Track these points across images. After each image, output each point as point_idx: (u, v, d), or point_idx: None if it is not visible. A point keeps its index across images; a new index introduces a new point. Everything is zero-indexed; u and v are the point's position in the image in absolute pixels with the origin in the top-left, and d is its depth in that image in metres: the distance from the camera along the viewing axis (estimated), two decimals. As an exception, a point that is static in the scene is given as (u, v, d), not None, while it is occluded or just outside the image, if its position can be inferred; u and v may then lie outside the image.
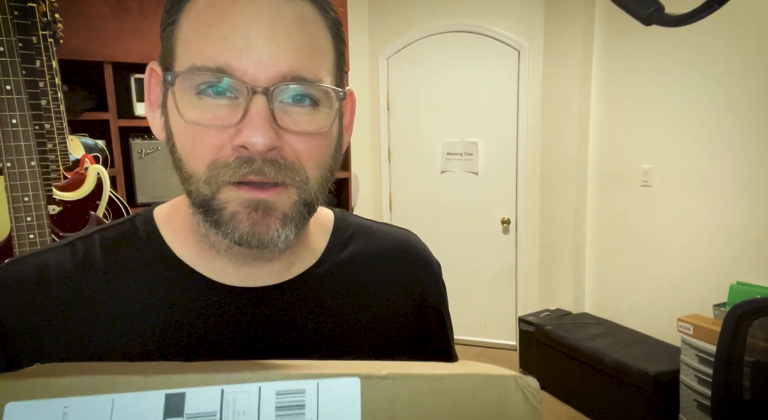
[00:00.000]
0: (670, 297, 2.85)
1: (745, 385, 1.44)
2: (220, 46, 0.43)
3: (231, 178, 0.45)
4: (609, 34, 3.14)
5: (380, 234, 0.64)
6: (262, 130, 0.43)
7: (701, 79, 2.63)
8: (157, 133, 0.51)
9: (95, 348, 0.49)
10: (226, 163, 0.45)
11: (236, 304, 0.53)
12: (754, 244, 2.46)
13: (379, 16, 3.63)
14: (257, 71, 0.43)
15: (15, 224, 1.30)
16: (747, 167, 2.47)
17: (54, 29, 1.94)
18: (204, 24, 0.44)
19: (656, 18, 0.40)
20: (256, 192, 0.46)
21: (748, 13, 2.40)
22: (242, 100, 0.44)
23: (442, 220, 3.76)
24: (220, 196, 0.46)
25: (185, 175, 0.47)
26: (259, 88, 0.43)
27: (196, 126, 0.45)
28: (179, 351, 0.51)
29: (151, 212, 0.56)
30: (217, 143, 0.45)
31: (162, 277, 0.52)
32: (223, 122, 0.44)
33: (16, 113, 1.26)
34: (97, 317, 0.50)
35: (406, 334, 0.61)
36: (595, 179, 3.31)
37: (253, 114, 0.43)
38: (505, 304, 3.73)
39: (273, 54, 0.43)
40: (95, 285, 0.51)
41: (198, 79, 0.44)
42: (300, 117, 0.46)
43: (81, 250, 0.53)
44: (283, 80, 0.44)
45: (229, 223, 0.46)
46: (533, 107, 3.48)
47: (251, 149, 0.44)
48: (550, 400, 3.03)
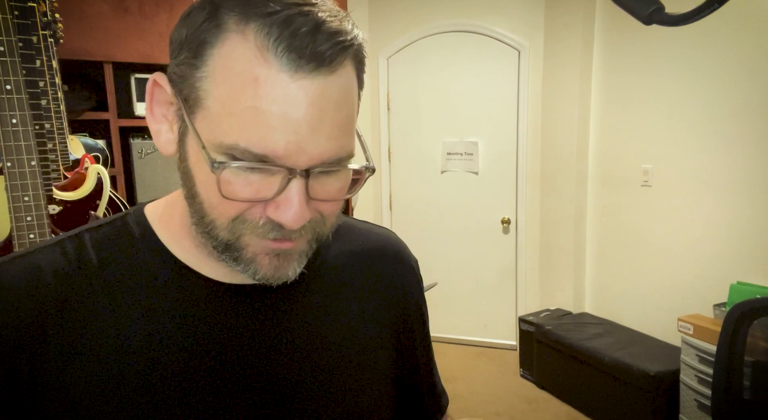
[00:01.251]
0: (670, 297, 2.85)
1: (745, 385, 1.43)
2: (268, 135, 0.41)
3: (258, 236, 0.46)
4: (609, 34, 3.14)
5: (362, 232, 0.67)
6: (299, 210, 0.44)
7: (701, 79, 2.63)
8: (162, 147, 0.49)
9: (97, 349, 0.49)
10: (254, 224, 0.46)
11: (232, 301, 0.53)
12: (754, 244, 2.46)
13: (379, 16, 3.63)
14: (300, 159, 0.43)
15: (15, 224, 1.30)
16: (747, 167, 2.46)
17: (54, 29, 1.94)
18: (249, 103, 0.41)
19: (656, 17, 0.40)
20: (283, 244, 0.47)
21: (748, 13, 2.40)
22: (280, 177, 0.44)
23: (442, 220, 3.76)
24: (242, 239, 0.47)
25: (204, 219, 0.47)
26: (299, 171, 0.43)
27: None
28: (181, 349, 0.51)
29: (142, 211, 0.56)
30: (246, 206, 0.45)
31: (160, 276, 0.52)
32: (258, 197, 0.44)
33: (16, 113, 1.26)
34: (97, 318, 0.49)
35: (390, 328, 0.64)
36: (595, 179, 3.31)
37: (290, 193, 0.44)
38: (505, 304, 3.73)
39: (318, 144, 0.43)
40: (92, 285, 0.50)
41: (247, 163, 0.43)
42: (329, 184, 0.47)
43: (72, 249, 0.52)
44: (321, 164, 0.44)
45: (249, 264, 0.48)
46: (533, 107, 3.48)
47: (286, 227, 0.45)
48: (550, 400, 3.03)
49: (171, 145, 0.48)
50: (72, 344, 0.48)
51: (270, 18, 0.41)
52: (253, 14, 0.41)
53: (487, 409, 2.93)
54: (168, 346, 0.50)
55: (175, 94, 0.46)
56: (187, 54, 0.44)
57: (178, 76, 0.45)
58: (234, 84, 0.42)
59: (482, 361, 3.56)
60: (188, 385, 0.50)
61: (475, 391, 3.14)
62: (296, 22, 0.41)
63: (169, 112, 0.48)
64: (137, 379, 0.49)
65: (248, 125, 0.41)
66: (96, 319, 0.49)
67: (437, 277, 3.18)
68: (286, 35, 0.40)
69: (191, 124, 0.44)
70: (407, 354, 0.67)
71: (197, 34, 0.43)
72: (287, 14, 0.41)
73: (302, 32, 0.41)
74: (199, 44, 0.43)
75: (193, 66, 0.43)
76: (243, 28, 0.41)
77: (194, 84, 0.43)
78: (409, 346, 0.67)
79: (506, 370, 3.41)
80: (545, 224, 3.56)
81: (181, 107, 0.45)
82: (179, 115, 0.46)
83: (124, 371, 0.49)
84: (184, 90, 0.45)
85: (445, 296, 3.66)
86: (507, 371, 3.39)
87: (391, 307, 0.64)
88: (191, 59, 0.43)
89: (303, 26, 0.41)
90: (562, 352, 2.95)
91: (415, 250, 2.45)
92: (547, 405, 2.99)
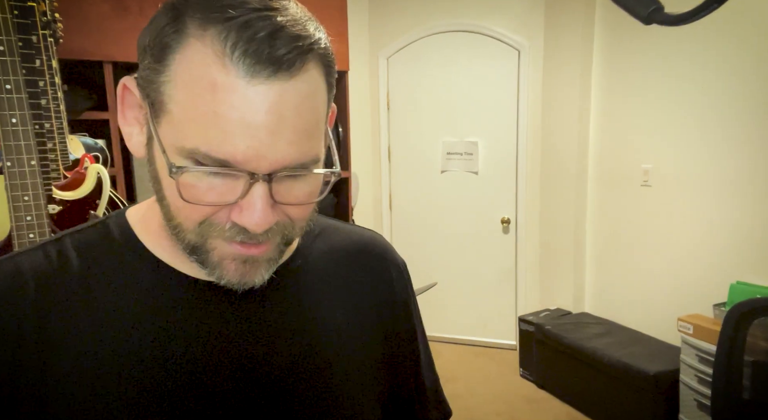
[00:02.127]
0: (670, 297, 2.85)
1: (745, 384, 1.43)
2: (227, 140, 0.42)
3: (224, 239, 0.47)
4: (609, 34, 3.14)
5: (346, 233, 0.67)
6: (263, 214, 0.44)
7: (701, 79, 2.63)
8: (134, 149, 0.49)
9: (77, 351, 0.48)
10: (221, 227, 0.46)
11: (215, 299, 0.53)
12: (754, 244, 2.46)
13: (379, 16, 3.63)
14: (260, 163, 0.43)
15: (15, 224, 1.30)
16: (747, 167, 2.46)
17: (54, 28, 1.94)
18: (208, 108, 0.41)
19: (656, 17, 0.40)
20: (251, 250, 0.47)
21: (748, 12, 2.39)
22: (242, 180, 0.44)
23: (442, 220, 3.76)
24: (209, 243, 0.47)
25: (172, 222, 0.48)
26: (261, 176, 0.43)
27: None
28: (164, 349, 0.50)
29: (123, 214, 0.56)
30: (211, 210, 0.46)
31: (141, 276, 0.52)
32: (221, 201, 0.45)
33: (16, 112, 1.26)
34: (77, 320, 0.49)
35: (376, 327, 0.64)
36: (595, 179, 3.31)
37: (253, 197, 0.44)
38: (505, 304, 3.73)
39: (277, 149, 0.43)
40: (73, 288, 0.50)
41: (206, 167, 0.43)
42: (296, 189, 0.47)
43: (54, 253, 0.52)
44: (283, 168, 0.44)
45: (215, 268, 0.48)
46: (533, 107, 3.48)
47: (250, 230, 0.45)
48: (550, 400, 3.03)
49: (141, 148, 0.49)
50: (51, 347, 0.48)
51: (228, 23, 0.40)
52: (212, 19, 0.41)
53: (487, 409, 2.93)
54: (150, 345, 0.50)
55: (143, 98, 0.46)
56: (151, 58, 0.44)
57: (144, 80, 0.45)
58: (193, 89, 0.42)
59: (482, 360, 3.56)
60: (171, 383, 0.50)
61: (475, 391, 3.14)
62: (254, 27, 0.40)
63: (140, 115, 0.49)
64: (119, 379, 0.49)
65: (208, 130, 0.42)
66: (76, 321, 0.49)
67: (437, 277, 3.17)
68: (244, 40, 0.40)
69: (154, 128, 0.45)
70: (398, 355, 0.67)
71: (160, 38, 0.43)
72: (246, 19, 0.40)
73: (260, 37, 0.40)
74: (162, 49, 0.43)
75: (156, 70, 0.43)
76: (202, 33, 0.41)
77: (158, 88, 0.44)
78: (399, 348, 0.67)
79: (506, 369, 3.41)
80: (545, 224, 3.56)
81: (147, 111, 0.45)
82: (147, 119, 0.46)
83: (106, 372, 0.48)
84: (150, 94, 0.45)
85: (445, 296, 3.66)
86: (507, 371, 3.39)
87: (376, 306, 0.64)
88: (155, 64, 0.43)
89: (261, 31, 0.40)
90: (562, 352, 2.95)
91: (415, 250, 2.49)
92: (547, 405, 2.99)
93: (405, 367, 0.68)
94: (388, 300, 0.66)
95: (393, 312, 0.66)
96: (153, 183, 0.48)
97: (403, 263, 0.70)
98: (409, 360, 0.69)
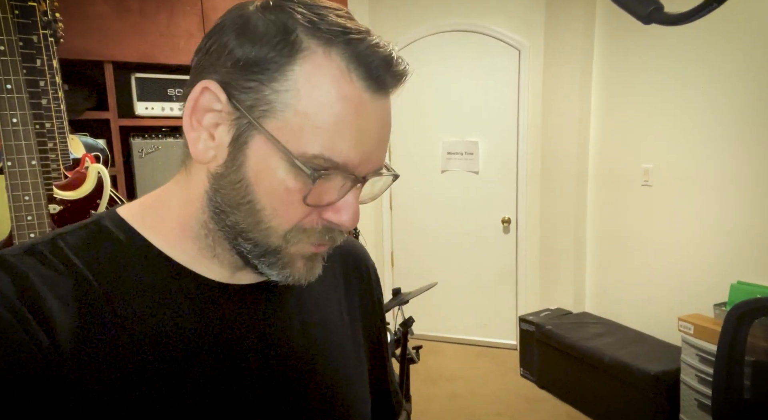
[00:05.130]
0: (670, 296, 2.85)
1: (745, 384, 1.43)
2: (351, 148, 0.47)
3: (313, 243, 0.51)
4: (609, 34, 3.14)
5: None
6: (356, 213, 0.50)
7: (702, 79, 2.63)
8: (198, 154, 0.49)
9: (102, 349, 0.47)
10: (313, 229, 0.50)
11: (233, 299, 0.55)
12: (754, 244, 2.45)
13: (379, 16, 3.63)
14: (366, 167, 0.49)
15: (15, 223, 1.30)
16: (747, 167, 2.46)
17: (54, 28, 1.94)
18: (337, 116, 0.46)
19: (656, 17, 0.40)
20: (317, 248, 0.52)
21: (748, 12, 2.39)
22: (341, 183, 0.48)
23: (443, 220, 3.76)
24: (291, 248, 0.50)
25: (260, 226, 0.49)
26: (361, 178, 0.49)
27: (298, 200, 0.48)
28: (183, 348, 0.51)
29: (118, 215, 0.54)
30: (307, 210, 0.49)
31: (158, 277, 0.52)
32: (323, 202, 0.49)
33: (16, 112, 1.26)
34: (96, 319, 0.48)
35: (363, 325, 0.70)
36: (596, 179, 3.31)
37: (352, 199, 0.50)
38: (505, 304, 3.73)
39: (379, 155, 0.50)
40: (87, 286, 0.49)
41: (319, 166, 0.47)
42: (367, 189, 0.53)
43: (50, 255, 0.49)
44: (375, 172, 0.51)
45: (284, 268, 0.51)
46: (533, 106, 3.48)
47: (345, 228, 0.51)
48: (550, 400, 3.03)
49: (209, 152, 0.49)
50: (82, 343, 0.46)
51: (352, 45, 0.46)
52: (334, 40, 0.46)
53: (487, 409, 2.93)
54: (168, 347, 0.50)
55: (232, 102, 0.47)
56: (259, 68, 0.46)
57: (240, 86, 0.47)
58: (322, 99, 0.46)
59: (482, 360, 3.56)
60: (189, 385, 0.50)
61: (475, 390, 3.14)
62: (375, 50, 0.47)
63: (204, 119, 0.48)
64: (137, 380, 0.48)
65: (334, 137, 0.46)
66: (89, 322, 0.48)
67: (437, 277, 3.17)
68: (369, 62, 0.47)
69: (270, 133, 0.46)
70: (376, 352, 0.73)
71: (273, 52, 0.46)
72: (367, 42, 0.47)
73: (380, 61, 0.47)
74: (277, 61, 0.46)
75: (267, 79, 0.46)
76: (327, 51, 0.46)
77: (267, 96, 0.46)
78: (377, 345, 0.73)
79: (506, 369, 3.41)
80: (545, 224, 3.56)
81: (245, 116, 0.47)
82: (238, 123, 0.47)
83: (127, 371, 0.48)
84: (246, 100, 0.46)
85: (445, 296, 3.66)
86: (507, 371, 3.39)
87: (361, 304, 0.70)
88: (264, 73, 0.46)
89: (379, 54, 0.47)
90: (562, 352, 2.95)
91: (415, 250, 2.49)
92: (547, 405, 2.99)
93: (380, 363, 0.75)
94: (369, 299, 0.72)
95: (373, 310, 0.73)
96: (234, 188, 0.48)
97: (374, 265, 0.77)
98: (384, 356, 0.76)
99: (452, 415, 2.89)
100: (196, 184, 0.51)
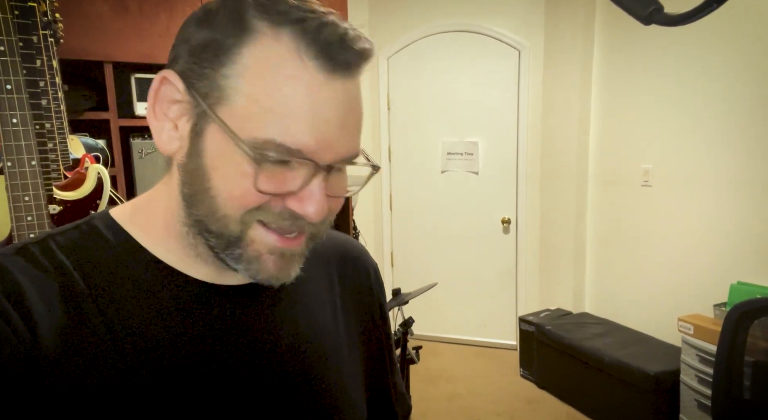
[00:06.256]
0: (670, 297, 2.85)
1: (745, 385, 1.44)
2: (303, 131, 0.44)
3: (269, 223, 0.48)
4: (609, 34, 3.14)
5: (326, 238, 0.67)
6: (322, 204, 0.47)
7: (701, 79, 2.63)
8: (164, 145, 0.49)
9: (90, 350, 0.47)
10: (269, 210, 0.47)
11: (221, 301, 0.54)
12: (754, 244, 2.45)
13: (379, 16, 3.63)
14: (327, 154, 0.46)
15: (15, 224, 1.30)
16: (747, 167, 2.46)
17: (54, 29, 1.94)
18: (286, 99, 0.44)
19: (655, 17, 0.40)
20: (287, 243, 0.49)
21: (748, 12, 2.39)
22: (304, 171, 0.46)
23: (442, 220, 3.76)
24: (249, 233, 0.48)
25: (216, 214, 0.47)
26: (324, 166, 0.46)
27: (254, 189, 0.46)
28: (169, 351, 0.50)
29: (109, 215, 0.54)
30: (264, 198, 0.47)
31: (145, 277, 0.51)
32: (284, 190, 0.46)
33: (16, 112, 1.26)
34: (85, 320, 0.48)
35: (360, 327, 0.68)
36: (595, 179, 3.31)
37: (314, 188, 0.46)
38: (505, 304, 3.73)
39: (343, 142, 0.47)
40: (75, 287, 0.49)
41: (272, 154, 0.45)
42: (340, 182, 0.50)
43: (40, 255, 0.49)
44: (342, 160, 0.48)
45: (252, 263, 0.49)
46: (533, 107, 3.48)
47: (310, 220, 0.47)
48: (550, 400, 3.03)
49: (173, 143, 0.49)
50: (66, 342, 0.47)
51: (303, 24, 0.44)
52: (284, 20, 0.44)
53: (487, 409, 2.93)
54: (154, 348, 0.49)
55: (190, 91, 0.46)
56: (209, 54, 0.45)
57: (195, 74, 0.46)
58: (270, 82, 0.44)
59: (482, 360, 3.56)
60: (173, 388, 0.50)
61: (475, 391, 3.14)
62: (327, 29, 0.44)
63: (170, 110, 0.48)
64: (121, 382, 0.48)
65: (285, 121, 0.44)
66: (81, 320, 0.48)
67: (437, 277, 3.17)
68: (320, 41, 0.44)
69: (221, 119, 0.45)
70: (376, 353, 0.70)
71: (223, 35, 0.45)
72: (319, 22, 0.44)
73: (334, 40, 0.44)
74: (227, 45, 0.45)
75: (218, 64, 0.45)
76: (276, 32, 0.44)
77: (218, 82, 0.45)
78: (377, 346, 0.70)
79: (506, 370, 3.41)
80: (545, 224, 3.56)
81: (200, 104, 0.46)
82: (195, 112, 0.47)
83: (110, 372, 0.47)
84: (202, 88, 0.46)
85: (445, 296, 3.66)
86: (507, 371, 3.39)
87: (358, 308, 0.68)
88: (215, 58, 0.45)
89: (334, 34, 0.44)
90: (562, 352, 2.95)
91: (415, 250, 2.49)
92: (547, 405, 2.99)
93: (381, 365, 0.72)
94: (367, 301, 0.69)
95: (371, 312, 0.70)
96: (190, 177, 0.48)
97: (376, 265, 0.73)
98: (384, 357, 0.73)
99: (452, 415, 2.89)
100: (175, 180, 0.50)
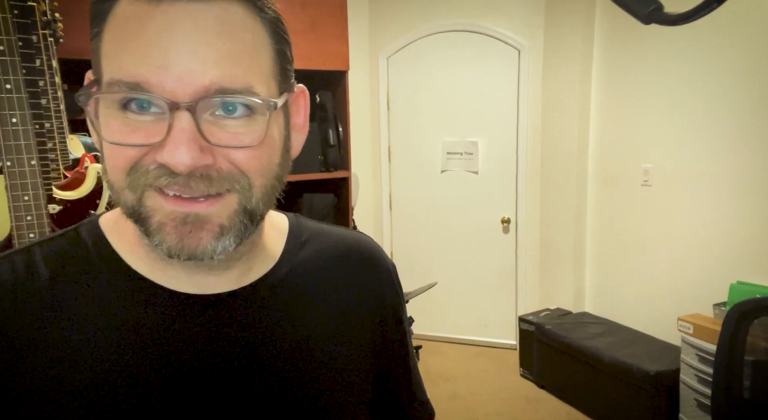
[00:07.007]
0: (670, 296, 2.85)
1: (745, 384, 1.44)
2: (137, 61, 0.41)
3: (152, 183, 0.43)
4: (609, 34, 3.14)
5: (336, 237, 0.64)
6: (185, 148, 0.41)
7: (702, 79, 2.63)
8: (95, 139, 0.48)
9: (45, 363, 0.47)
10: (145, 170, 0.43)
11: (193, 312, 0.51)
12: (754, 243, 2.46)
13: (379, 16, 3.63)
14: (177, 87, 0.41)
15: (15, 223, 1.30)
16: (747, 167, 2.46)
17: (54, 28, 1.94)
18: (121, 37, 0.42)
19: (655, 17, 0.40)
20: (184, 204, 0.43)
21: (748, 12, 2.39)
22: (167, 116, 0.41)
23: (442, 220, 3.76)
24: (146, 203, 0.44)
25: (110, 185, 0.46)
26: (181, 104, 0.41)
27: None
28: (137, 362, 0.49)
29: (96, 221, 0.54)
30: (137, 155, 0.43)
31: (114, 287, 0.50)
32: (146, 141, 0.42)
33: (16, 112, 1.26)
34: (45, 333, 0.48)
35: (366, 336, 0.62)
36: (595, 179, 3.31)
37: (176, 132, 0.41)
38: (505, 304, 3.73)
39: (192, 68, 0.41)
40: (41, 299, 0.48)
41: (116, 94, 0.42)
42: (235, 129, 0.44)
43: (21, 264, 0.49)
44: (206, 94, 0.41)
45: (156, 234, 0.44)
46: (533, 107, 3.48)
47: (173, 169, 0.42)
48: (550, 400, 3.03)
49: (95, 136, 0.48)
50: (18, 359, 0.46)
51: None
52: None
53: (487, 409, 2.93)
54: (120, 358, 0.48)
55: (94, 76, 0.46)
56: (92, 30, 0.45)
57: (93, 61, 0.46)
58: (113, 29, 0.43)
59: (482, 360, 3.56)
60: (145, 399, 0.48)
61: (475, 390, 3.14)
62: None
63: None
64: (88, 393, 0.47)
65: (121, 58, 0.42)
66: (44, 334, 0.47)
67: (437, 277, 3.17)
68: None
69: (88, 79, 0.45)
70: (385, 361, 0.65)
71: (95, 8, 0.44)
72: None
73: None
74: (97, 16, 0.44)
75: (95, 37, 0.45)
76: None
77: (96, 51, 0.45)
78: (387, 354, 0.65)
79: (506, 369, 3.41)
80: (545, 224, 3.56)
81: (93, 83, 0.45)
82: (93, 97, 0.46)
83: (74, 385, 0.47)
84: (94, 68, 0.46)
85: (445, 296, 3.66)
86: (507, 371, 3.39)
87: (366, 312, 0.62)
88: (93, 32, 0.45)
89: None
90: (562, 352, 2.95)
91: (415, 250, 2.49)
92: (547, 405, 2.99)
93: (396, 372, 0.68)
94: (378, 304, 0.64)
95: (383, 316, 0.65)
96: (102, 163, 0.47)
97: (393, 266, 0.68)
98: (400, 364, 0.69)
99: (452, 415, 2.88)
100: None
